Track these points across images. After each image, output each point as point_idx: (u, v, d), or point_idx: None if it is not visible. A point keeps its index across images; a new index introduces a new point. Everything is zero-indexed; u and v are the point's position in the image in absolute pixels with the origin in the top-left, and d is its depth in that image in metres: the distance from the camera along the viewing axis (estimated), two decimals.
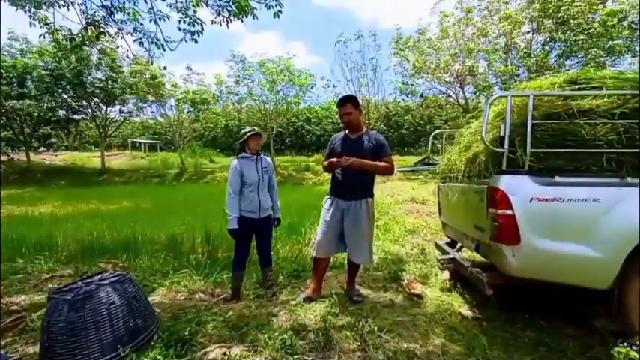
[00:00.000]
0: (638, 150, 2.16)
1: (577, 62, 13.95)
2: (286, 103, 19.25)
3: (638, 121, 2.15)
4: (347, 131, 3.05)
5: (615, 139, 2.19)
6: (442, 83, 16.38)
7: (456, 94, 16.80)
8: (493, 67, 14.30)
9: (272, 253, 3.46)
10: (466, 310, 2.84)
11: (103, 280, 2.27)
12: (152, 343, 2.19)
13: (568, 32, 12.10)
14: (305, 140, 37.61)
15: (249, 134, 3.25)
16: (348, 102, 2.94)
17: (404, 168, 22.02)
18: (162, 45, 4.33)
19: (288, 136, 35.56)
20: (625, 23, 12.02)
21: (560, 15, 12.04)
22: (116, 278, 2.30)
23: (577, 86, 2.42)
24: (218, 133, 35.90)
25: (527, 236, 2.30)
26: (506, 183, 2.37)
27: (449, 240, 3.91)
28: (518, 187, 2.35)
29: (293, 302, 2.91)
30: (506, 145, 2.36)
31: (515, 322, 2.64)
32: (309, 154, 33.83)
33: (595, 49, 11.64)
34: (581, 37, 11.77)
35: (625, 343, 2.04)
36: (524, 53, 14.13)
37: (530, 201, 2.31)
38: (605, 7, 11.99)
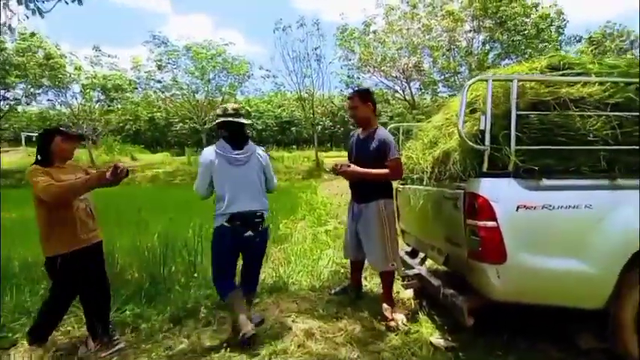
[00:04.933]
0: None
1: (512, 62, 15.15)
2: (221, 94, 17.98)
3: (639, 113, 1.92)
4: (360, 130, 3.01)
5: (610, 133, 1.96)
6: (389, 78, 16.64)
7: (403, 90, 17.21)
8: (437, 63, 14.85)
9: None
10: (437, 339, 2.48)
11: None
12: None
13: (506, 33, 12.97)
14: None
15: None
16: (354, 95, 2.94)
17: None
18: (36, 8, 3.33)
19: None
20: (553, 28, 13.32)
21: (499, 15, 12.86)
22: None
23: (561, 72, 2.16)
24: (141, 126, 32.94)
25: (514, 253, 1.98)
26: (489, 188, 2.03)
27: (409, 249, 3.58)
28: (502, 193, 2.02)
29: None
30: (487, 141, 2.01)
31: (495, 347, 2.34)
32: None
33: (530, 50, 12.63)
34: (518, 37, 12.69)
35: None
36: (466, 51, 14.93)
37: (517, 209, 2.00)
38: (537, 11, 13.08)
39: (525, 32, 12.74)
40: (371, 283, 3.64)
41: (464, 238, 2.17)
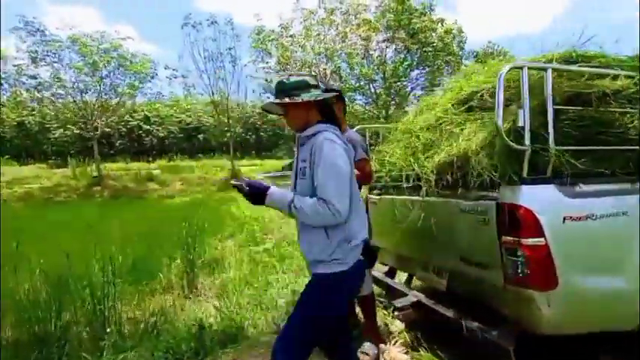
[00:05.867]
0: None
1: (419, 73, 16.43)
2: (117, 95, 15.47)
3: None
4: None
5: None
6: None
7: None
8: (354, 70, 15.23)
9: None
10: None
11: None
12: None
13: (417, 44, 13.94)
14: (143, 143, 32.57)
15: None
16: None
17: (271, 173, 21.50)
18: None
19: (120, 137, 29.80)
20: (455, 43, 14.83)
21: (411, 27, 13.76)
22: None
23: (580, 65, 1.95)
24: (7, 132, 27.09)
25: (566, 275, 1.66)
26: (532, 197, 1.68)
27: (386, 269, 3.14)
28: (547, 203, 1.70)
29: None
30: (527, 140, 1.65)
31: None
32: (150, 159, 29.31)
33: (439, 61, 13.77)
34: (429, 49, 13.74)
35: None
36: (379, 60, 15.63)
37: (564, 221, 1.68)
38: (442, 26, 14.39)
39: (434, 45, 13.88)
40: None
41: (496, 259, 1.79)
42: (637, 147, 1.78)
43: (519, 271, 1.68)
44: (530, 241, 1.64)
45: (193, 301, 3.71)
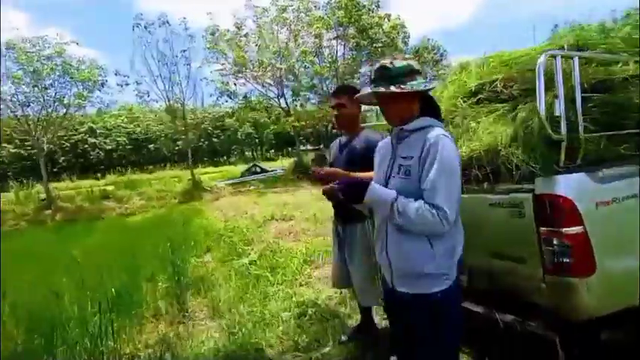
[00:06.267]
0: None
1: (369, 69, 16.67)
2: (63, 107, 13.81)
3: None
4: (342, 136, 2.56)
5: None
6: (265, 85, 16.07)
7: (278, 97, 16.91)
8: (309, 69, 15.12)
9: None
10: None
11: None
12: None
13: (368, 40, 14.13)
14: (89, 158, 30.04)
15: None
16: (342, 92, 2.43)
17: (230, 180, 20.74)
18: None
19: (64, 153, 27.17)
20: (400, 38, 15.27)
21: (361, 24, 13.90)
22: None
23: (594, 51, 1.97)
24: None
25: (601, 259, 1.67)
26: (569, 185, 1.68)
27: None
28: (581, 190, 1.69)
29: None
30: (563, 129, 1.64)
31: None
32: (98, 175, 27.11)
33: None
34: (379, 44, 13.98)
35: None
36: (331, 58, 15.66)
37: (596, 207, 1.70)
38: (388, 21, 14.71)
39: (384, 40, 14.16)
40: None
41: (533, 252, 1.77)
42: None
43: (560, 260, 1.67)
44: (572, 229, 1.64)
45: (189, 326, 3.38)
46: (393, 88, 1.30)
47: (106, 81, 14.09)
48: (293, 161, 17.32)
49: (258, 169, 19.63)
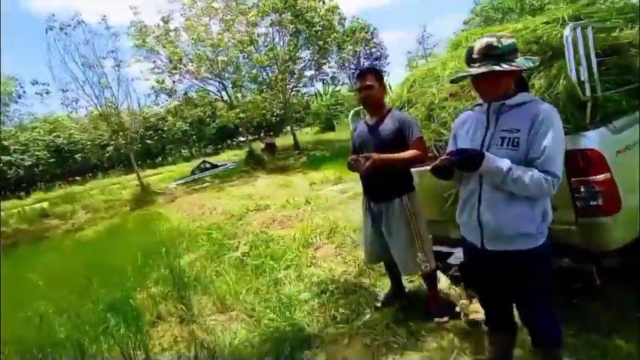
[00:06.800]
0: None
1: (310, 53, 16.51)
2: None
3: None
4: (367, 117, 2.56)
5: None
6: (204, 79, 15.03)
7: (219, 90, 15.98)
8: (251, 59, 14.46)
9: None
10: None
11: None
12: None
13: (305, 24, 13.84)
14: (7, 178, 25.96)
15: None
16: (369, 73, 2.41)
17: (182, 180, 19.51)
18: None
19: None
20: (336, 19, 15.24)
21: (297, 8, 13.52)
22: None
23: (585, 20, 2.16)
24: None
25: (624, 198, 1.92)
26: (595, 140, 1.89)
27: None
28: (605, 143, 1.91)
29: None
30: (588, 92, 1.81)
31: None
32: (22, 194, 23.71)
33: (329, 40, 13.98)
34: (317, 28, 13.80)
35: None
36: (270, 45, 15.13)
37: (617, 155, 1.93)
38: (324, 4, 14.53)
39: (321, 24, 13.99)
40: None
41: (565, 200, 1.95)
42: None
43: (593, 204, 1.87)
44: (601, 176, 1.84)
45: (201, 324, 3.20)
46: (505, 66, 1.32)
47: (24, 92, 12.02)
48: (245, 152, 16.70)
49: (208, 165, 18.64)
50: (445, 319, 2.34)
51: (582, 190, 1.90)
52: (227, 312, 3.29)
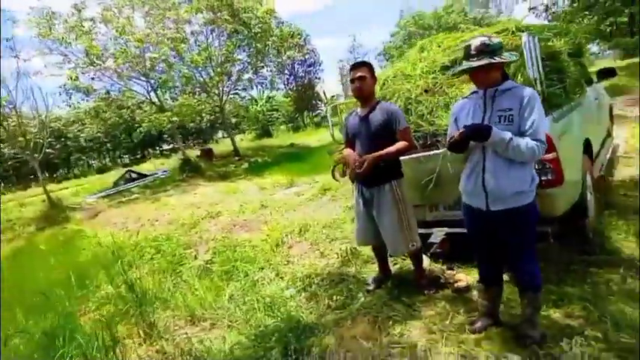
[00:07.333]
0: None
1: (247, 54, 16.45)
2: None
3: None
4: (358, 108, 2.80)
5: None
6: (130, 78, 13.96)
7: (148, 92, 14.99)
8: (184, 58, 13.89)
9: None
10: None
11: None
12: None
13: (243, 25, 13.79)
14: None
15: None
16: (363, 65, 2.71)
17: (103, 192, 17.84)
18: None
19: None
20: (274, 23, 15.49)
21: (235, 8, 13.41)
22: None
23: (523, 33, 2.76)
24: None
25: (565, 173, 2.49)
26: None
27: None
28: (551, 129, 2.46)
29: None
30: (539, 87, 2.38)
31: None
32: None
33: (269, 43, 14.12)
34: (257, 29, 13.85)
35: None
36: (205, 45, 14.75)
37: (559, 139, 2.50)
38: (262, 6, 14.65)
39: (260, 26, 14.07)
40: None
41: None
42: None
43: (545, 178, 2.41)
44: (550, 155, 2.38)
45: (175, 337, 3.04)
46: (498, 59, 1.75)
47: None
48: (178, 160, 15.87)
49: (134, 175, 17.24)
50: (434, 290, 2.72)
51: (537, 167, 2.43)
52: (199, 323, 3.21)
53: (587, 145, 3.06)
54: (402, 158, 2.78)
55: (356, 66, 2.71)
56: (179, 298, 3.65)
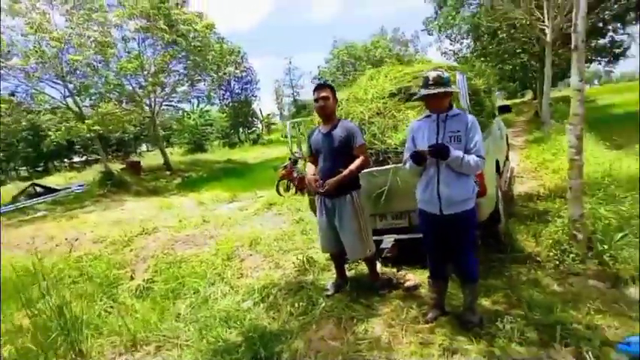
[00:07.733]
0: None
1: (184, 66, 15.97)
2: None
3: None
4: (320, 126, 3.02)
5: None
6: (43, 80, 12.51)
7: (65, 97, 13.55)
8: (110, 63, 12.96)
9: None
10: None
11: None
12: None
13: (181, 37, 13.43)
14: None
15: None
16: (326, 87, 2.96)
17: (4, 209, 15.53)
18: None
19: None
20: (213, 38, 15.37)
21: (172, 18, 13.02)
22: None
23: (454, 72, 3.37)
24: None
25: (487, 186, 3.05)
26: None
27: None
28: None
29: None
30: (468, 110, 2.92)
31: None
32: None
33: (209, 58, 13.89)
34: (196, 42, 13.58)
35: None
36: (137, 53, 13.97)
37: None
38: (202, 20, 14.46)
39: (199, 39, 13.81)
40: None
41: None
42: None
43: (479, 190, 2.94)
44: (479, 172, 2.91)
45: None
46: (449, 89, 2.20)
47: None
48: (100, 173, 14.46)
49: (40, 190, 15.21)
50: (388, 290, 3.04)
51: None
52: (142, 347, 3.03)
53: (497, 165, 3.75)
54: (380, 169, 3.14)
55: (320, 87, 2.93)
56: (115, 322, 3.33)
